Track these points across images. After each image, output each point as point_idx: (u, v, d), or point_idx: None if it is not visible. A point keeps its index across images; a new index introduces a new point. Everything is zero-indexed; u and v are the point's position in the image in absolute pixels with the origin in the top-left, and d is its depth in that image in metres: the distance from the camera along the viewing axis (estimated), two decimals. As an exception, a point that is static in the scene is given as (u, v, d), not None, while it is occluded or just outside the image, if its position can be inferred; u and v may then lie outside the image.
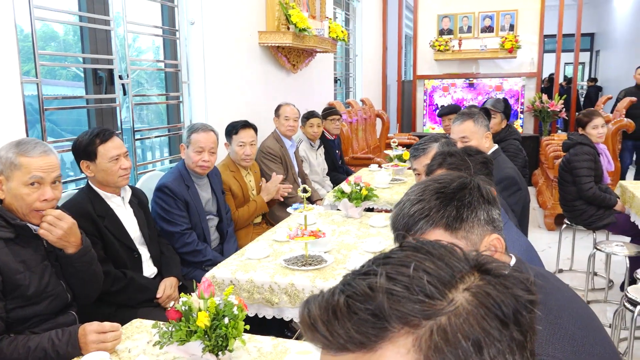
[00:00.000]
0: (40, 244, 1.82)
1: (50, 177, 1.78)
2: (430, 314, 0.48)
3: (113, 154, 2.24)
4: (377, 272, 0.51)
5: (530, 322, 0.51)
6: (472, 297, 0.50)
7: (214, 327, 1.44)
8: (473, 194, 1.10)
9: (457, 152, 1.77)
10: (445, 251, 0.54)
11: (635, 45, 9.76)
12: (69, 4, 2.74)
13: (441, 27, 8.49)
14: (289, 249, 2.56)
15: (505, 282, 0.51)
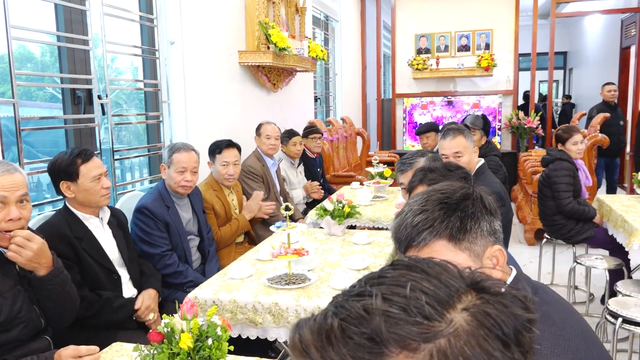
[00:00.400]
0: (12, 267, 1.76)
1: (15, 196, 1.72)
2: (429, 337, 0.46)
3: (95, 173, 2.20)
4: (372, 292, 0.49)
5: (530, 342, 0.49)
6: (471, 318, 0.48)
7: (197, 349, 1.41)
8: (476, 204, 1.08)
9: (438, 167, 1.78)
10: (440, 269, 0.52)
11: (605, 63, 10.04)
12: (47, 24, 2.71)
13: (419, 47, 8.63)
14: (272, 267, 2.54)
15: (504, 300, 0.50)
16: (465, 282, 0.51)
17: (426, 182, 1.73)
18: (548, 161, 3.90)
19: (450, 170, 1.75)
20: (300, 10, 5.15)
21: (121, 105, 3.77)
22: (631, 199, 3.94)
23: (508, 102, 8.41)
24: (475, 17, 8.33)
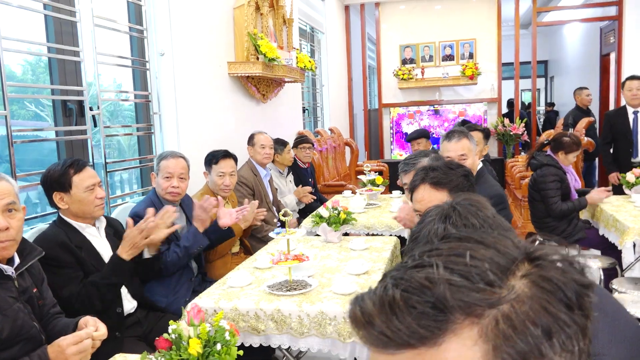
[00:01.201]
0: (12, 285, 1.70)
1: (1, 205, 1.64)
2: (493, 303, 0.47)
3: (88, 183, 2.17)
4: (432, 263, 0.50)
5: (590, 307, 0.49)
6: (532, 284, 0.48)
7: (207, 354, 1.39)
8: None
9: (439, 166, 1.78)
10: (494, 239, 0.53)
11: (586, 70, 10.23)
12: (37, 35, 2.69)
13: (404, 57, 8.72)
14: (271, 275, 2.52)
15: (561, 266, 0.50)
16: (520, 251, 0.52)
17: (428, 181, 1.74)
18: (536, 166, 3.93)
19: (452, 169, 1.75)
20: (287, 22, 5.17)
21: (113, 116, 3.74)
22: (620, 199, 3.99)
23: (493, 110, 8.52)
24: (459, 27, 8.45)
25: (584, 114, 6.67)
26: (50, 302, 1.87)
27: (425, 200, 1.76)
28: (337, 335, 2.06)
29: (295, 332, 2.10)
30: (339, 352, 2.07)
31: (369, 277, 2.42)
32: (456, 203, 1.17)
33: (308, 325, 2.09)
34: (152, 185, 2.82)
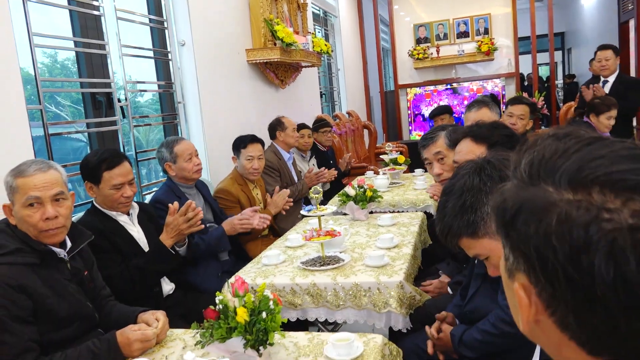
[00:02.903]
0: (65, 267, 1.79)
1: (49, 195, 1.69)
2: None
3: (116, 182, 2.21)
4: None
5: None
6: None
7: (253, 323, 1.45)
8: (483, 186, 1.18)
9: (485, 124, 1.83)
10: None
11: (604, 39, 10.00)
12: (63, 31, 2.76)
13: (418, 36, 8.66)
14: (303, 253, 2.57)
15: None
16: None
17: (470, 135, 1.79)
18: None
19: (496, 127, 1.80)
20: (301, 6, 5.19)
21: (139, 107, 3.82)
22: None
23: (511, 86, 8.44)
24: (473, 2, 8.36)
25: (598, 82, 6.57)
26: (100, 284, 1.95)
27: (463, 152, 1.82)
28: (373, 306, 2.11)
29: (332, 305, 2.16)
30: (375, 322, 2.12)
31: (399, 250, 2.46)
32: (490, 157, 1.21)
33: (343, 297, 2.14)
34: (170, 173, 2.84)
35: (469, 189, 1.18)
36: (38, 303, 1.63)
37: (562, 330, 0.51)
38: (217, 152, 3.74)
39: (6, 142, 2.13)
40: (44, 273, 1.69)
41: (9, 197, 1.72)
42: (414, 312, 2.17)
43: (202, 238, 2.72)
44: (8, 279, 1.58)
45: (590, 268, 0.45)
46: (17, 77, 2.19)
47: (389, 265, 2.25)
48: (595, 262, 0.45)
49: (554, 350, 0.55)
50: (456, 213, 1.19)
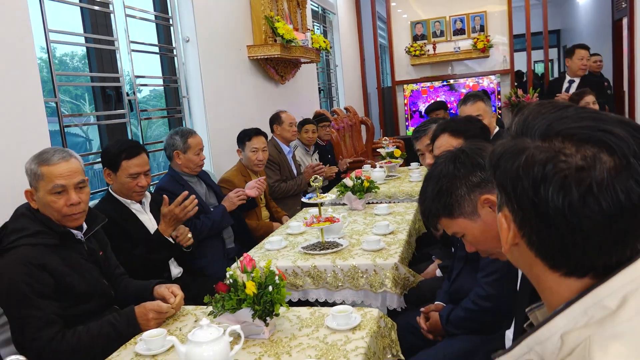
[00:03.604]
0: (82, 247, 1.92)
1: (73, 182, 1.83)
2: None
3: (133, 171, 2.36)
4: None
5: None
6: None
7: (260, 295, 1.59)
8: (457, 172, 1.32)
9: (459, 119, 1.97)
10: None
11: (599, 37, 10.18)
12: (74, 27, 2.88)
13: (415, 33, 8.80)
14: (303, 239, 2.72)
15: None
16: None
17: (448, 130, 1.93)
18: None
19: (471, 122, 1.94)
20: (300, 4, 5.32)
21: (145, 101, 3.95)
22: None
23: (506, 82, 8.58)
24: (469, 0, 8.49)
25: (596, 79, 6.70)
26: (114, 264, 2.09)
27: (443, 146, 1.96)
28: (369, 286, 2.26)
29: (331, 286, 2.31)
30: (371, 302, 2.26)
31: (394, 236, 2.61)
32: (464, 147, 1.36)
33: (342, 279, 2.29)
34: (177, 162, 2.96)
35: (445, 175, 1.32)
36: (59, 280, 1.76)
37: (530, 248, 0.66)
38: (219, 144, 3.88)
39: (25, 134, 2.26)
40: (64, 253, 1.82)
41: (31, 182, 1.83)
42: (408, 293, 2.32)
43: (208, 217, 2.88)
44: (31, 258, 1.72)
45: (546, 196, 0.60)
46: (36, 72, 2.32)
47: (385, 249, 2.40)
48: (549, 191, 0.60)
49: (528, 269, 0.71)
50: (434, 196, 1.33)
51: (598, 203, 0.59)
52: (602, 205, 0.59)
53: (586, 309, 0.62)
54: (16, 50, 2.22)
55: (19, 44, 2.24)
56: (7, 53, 2.18)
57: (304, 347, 1.55)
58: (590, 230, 0.60)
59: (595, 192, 0.59)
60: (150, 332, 1.66)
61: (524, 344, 0.66)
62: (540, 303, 0.74)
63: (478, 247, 1.32)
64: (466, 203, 1.30)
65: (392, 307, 2.23)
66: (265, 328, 1.62)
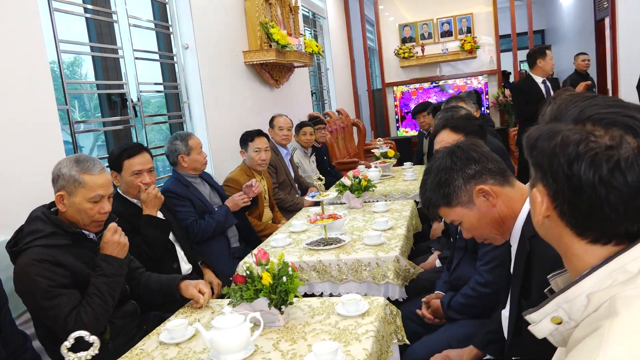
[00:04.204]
0: (95, 246, 2.01)
1: (108, 193, 1.97)
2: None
3: (136, 169, 2.48)
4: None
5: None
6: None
7: (275, 285, 1.71)
8: (454, 165, 1.44)
9: (460, 116, 2.12)
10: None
11: (582, 36, 10.43)
12: (80, 36, 2.98)
13: (403, 36, 8.96)
14: (306, 237, 2.84)
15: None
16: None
17: (449, 126, 2.08)
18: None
19: (469, 119, 2.08)
20: (293, 10, 5.45)
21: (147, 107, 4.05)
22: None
23: (493, 82, 8.78)
24: (455, 2, 8.68)
25: (582, 78, 6.92)
26: (128, 258, 2.16)
27: (444, 141, 2.10)
28: (372, 278, 2.38)
29: (335, 279, 2.43)
30: (374, 294, 2.39)
31: (394, 231, 2.74)
32: (460, 143, 1.50)
33: (346, 272, 2.41)
34: (183, 164, 3.06)
35: (443, 168, 1.45)
36: (75, 275, 1.85)
37: (561, 218, 0.77)
38: (219, 147, 3.99)
39: (40, 140, 2.36)
40: (77, 252, 1.91)
41: (65, 186, 1.89)
42: (408, 284, 2.45)
43: (212, 217, 3.01)
44: (46, 255, 1.80)
45: (579, 171, 0.72)
46: (49, 80, 2.43)
47: (386, 243, 2.53)
48: (582, 167, 0.72)
49: (556, 239, 0.81)
50: (434, 188, 1.46)
51: (624, 177, 0.69)
52: (628, 179, 0.70)
53: (610, 272, 0.73)
54: (31, 59, 2.32)
55: (34, 54, 2.34)
56: (22, 62, 2.28)
57: (317, 332, 1.67)
58: (616, 201, 0.71)
59: (622, 168, 0.69)
60: (172, 322, 1.77)
61: (553, 302, 0.77)
62: (561, 271, 0.86)
63: (474, 233, 1.46)
64: (462, 193, 1.42)
65: (394, 297, 2.36)
66: (280, 316, 1.74)
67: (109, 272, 1.87)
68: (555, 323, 0.76)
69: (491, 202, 1.40)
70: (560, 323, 0.76)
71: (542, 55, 5.08)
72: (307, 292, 2.48)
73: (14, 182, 2.23)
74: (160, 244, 2.50)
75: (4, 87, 2.19)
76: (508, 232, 1.44)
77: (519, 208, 1.40)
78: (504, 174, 1.43)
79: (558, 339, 0.78)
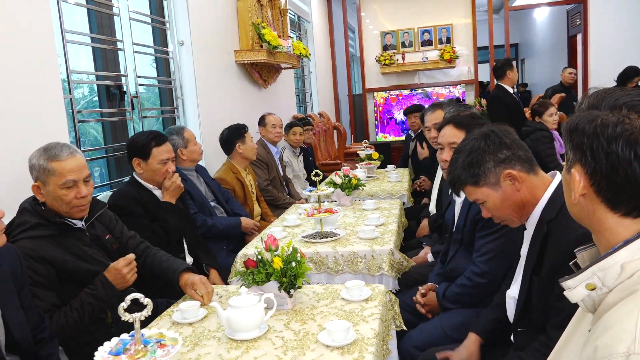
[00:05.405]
0: (84, 234, 2.01)
1: (82, 177, 1.91)
2: None
3: (163, 157, 2.56)
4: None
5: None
6: None
7: (285, 270, 1.80)
8: (488, 147, 1.55)
9: (465, 114, 2.25)
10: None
11: (555, 51, 10.84)
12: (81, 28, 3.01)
13: (385, 43, 9.15)
14: (300, 230, 2.93)
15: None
16: None
17: (453, 122, 2.20)
18: (528, 132, 4.38)
19: (473, 118, 2.21)
20: (282, 12, 5.54)
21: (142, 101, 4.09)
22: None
23: (471, 91, 9.03)
24: (436, 13, 8.91)
25: (565, 90, 7.18)
26: (134, 243, 2.21)
27: (447, 135, 2.23)
28: (367, 270, 2.49)
29: (332, 271, 2.52)
30: (369, 285, 2.49)
31: (386, 227, 2.85)
32: (493, 128, 1.60)
33: (342, 263, 2.51)
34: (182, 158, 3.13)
35: (476, 149, 1.55)
36: (60, 268, 1.85)
37: (597, 194, 0.88)
38: (210, 143, 4.04)
39: (45, 129, 2.38)
40: (64, 242, 1.91)
41: (38, 177, 1.88)
42: (401, 277, 2.57)
43: (222, 223, 3.13)
44: (30, 250, 1.80)
45: (617, 149, 0.84)
46: (56, 69, 2.46)
47: (379, 237, 2.64)
48: (620, 145, 0.84)
49: (590, 216, 0.91)
50: (464, 167, 1.56)
51: None
52: None
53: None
54: (38, 49, 2.35)
55: (42, 43, 2.37)
56: (31, 52, 2.31)
57: (325, 314, 1.77)
58: None
59: None
60: (185, 303, 1.83)
61: (588, 270, 0.87)
62: (587, 245, 0.96)
63: (494, 213, 1.56)
64: (491, 175, 1.53)
65: (388, 288, 2.46)
66: (289, 299, 1.83)
67: (99, 296, 1.87)
68: (589, 289, 0.86)
69: (516, 187, 1.51)
70: (593, 289, 0.86)
71: (510, 67, 5.32)
72: (305, 282, 2.56)
73: (22, 170, 2.25)
74: (177, 232, 2.56)
75: (12, 75, 2.22)
76: (526, 216, 1.54)
77: (540, 195, 1.52)
78: (530, 162, 1.54)
79: (589, 304, 0.88)
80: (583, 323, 0.97)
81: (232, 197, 3.45)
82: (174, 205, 2.59)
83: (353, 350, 1.51)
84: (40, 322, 1.70)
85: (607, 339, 0.77)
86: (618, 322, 0.78)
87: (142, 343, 1.20)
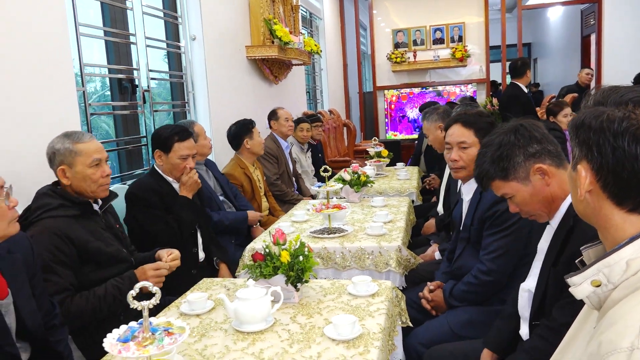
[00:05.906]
0: (100, 219, 2.08)
1: (104, 157, 2.06)
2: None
3: (184, 152, 2.59)
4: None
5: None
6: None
7: (293, 264, 1.81)
8: (518, 141, 1.52)
9: (473, 112, 2.25)
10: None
11: (568, 51, 10.74)
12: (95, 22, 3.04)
13: (396, 41, 9.13)
14: (308, 226, 2.94)
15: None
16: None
17: (460, 120, 2.20)
18: None
19: (481, 116, 2.21)
20: (294, 8, 5.55)
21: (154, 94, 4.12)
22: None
23: (482, 91, 8.99)
24: (448, 11, 8.87)
25: (580, 91, 7.13)
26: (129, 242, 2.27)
27: (455, 134, 2.22)
28: (374, 266, 2.49)
29: (339, 266, 2.53)
30: (376, 282, 2.50)
31: (394, 224, 2.85)
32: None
33: (349, 259, 2.52)
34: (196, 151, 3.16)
35: (506, 143, 1.52)
36: (82, 247, 1.92)
37: (604, 190, 0.88)
38: (220, 137, 4.06)
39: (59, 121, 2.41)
40: (85, 222, 1.99)
41: (64, 160, 1.97)
42: (408, 274, 2.57)
43: (228, 218, 3.14)
44: (55, 229, 1.87)
45: (623, 144, 0.84)
46: (69, 62, 2.49)
47: (387, 234, 2.64)
48: (626, 140, 0.84)
49: (597, 212, 0.91)
50: (493, 161, 1.53)
51: None
52: None
53: None
54: (52, 42, 2.38)
55: (56, 37, 2.40)
56: (45, 45, 2.34)
57: (331, 308, 1.78)
58: None
59: None
60: (193, 294, 1.85)
61: (594, 267, 0.87)
62: (593, 243, 0.96)
63: (523, 207, 1.54)
64: (521, 169, 1.50)
65: (395, 285, 2.47)
66: (296, 293, 1.84)
67: (124, 290, 1.91)
68: (594, 286, 0.87)
69: (546, 181, 1.49)
70: (599, 286, 0.86)
71: (529, 67, 5.31)
72: (312, 278, 2.57)
73: (36, 161, 2.28)
74: (190, 227, 2.58)
75: (25, 68, 2.25)
76: (555, 211, 1.50)
77: (569, 190, 1.51)
78: (560, 156, 1.52)
79: (594, 301, 0.88)
80: (589, 320, 0.97)
81: (239, 193, 3.47)
82: (191, 200, 2.61)
83: (359, 344, 1.52)
84: (51, 309, 1.72)
85: (611, 335, 0.78)
86: (622, 318, 0.78)
87: (150, 331, 1.21)
